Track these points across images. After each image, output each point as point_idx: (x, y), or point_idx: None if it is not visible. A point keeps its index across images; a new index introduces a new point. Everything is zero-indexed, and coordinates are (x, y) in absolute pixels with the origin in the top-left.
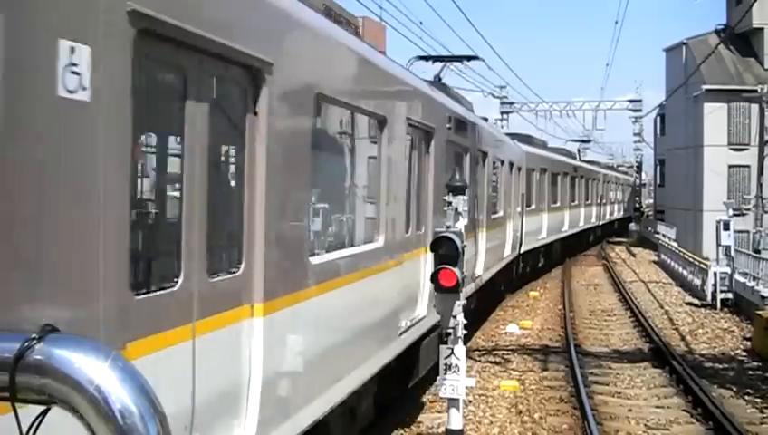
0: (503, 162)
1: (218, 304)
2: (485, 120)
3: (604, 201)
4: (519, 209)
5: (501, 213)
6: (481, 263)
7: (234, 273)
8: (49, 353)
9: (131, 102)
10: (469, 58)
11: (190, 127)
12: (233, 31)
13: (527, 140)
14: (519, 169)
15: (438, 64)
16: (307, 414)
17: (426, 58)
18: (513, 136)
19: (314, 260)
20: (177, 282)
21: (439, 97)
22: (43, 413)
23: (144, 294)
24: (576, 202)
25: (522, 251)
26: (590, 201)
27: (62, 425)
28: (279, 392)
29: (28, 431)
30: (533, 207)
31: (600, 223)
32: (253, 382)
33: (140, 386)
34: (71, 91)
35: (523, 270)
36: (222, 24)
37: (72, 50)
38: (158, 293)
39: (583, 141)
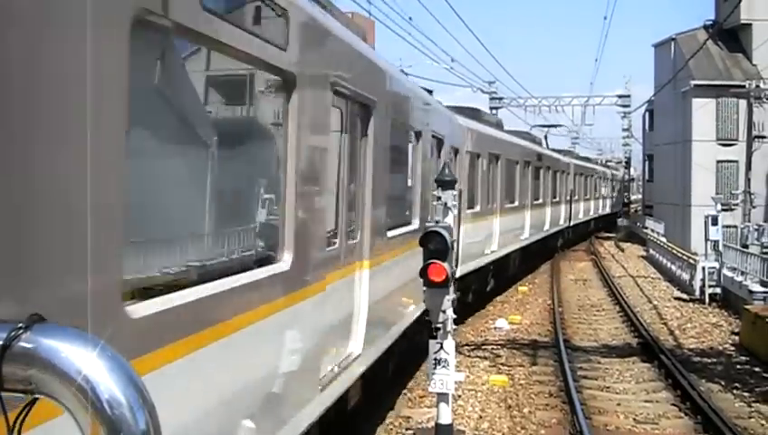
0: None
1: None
2: (430, 91)
3: (576, 198)
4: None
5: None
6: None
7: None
8: (36, 343)
9: None
10: None
11: None
12: None
13: (474, 114)
14: (456, 151)
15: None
16: None
17: None
18: (457, 110)
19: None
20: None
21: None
22: (30, 404)
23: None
24: (540, 200)
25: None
26: (557, 199)
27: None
28: None
29: (15, 423)
30: (478, 208)
31: (571, 224)
32: None
33: (129, 376)
34: None
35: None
36: None
37: None
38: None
39: (551, 126)
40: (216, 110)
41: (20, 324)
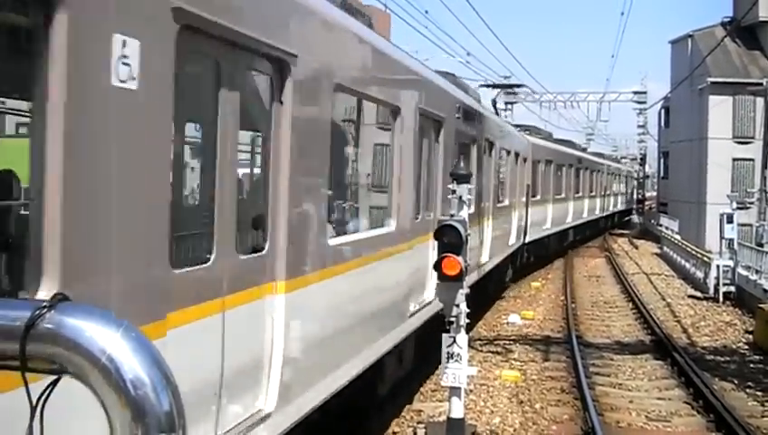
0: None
1: None
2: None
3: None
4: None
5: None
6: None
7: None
8: (60, 322)
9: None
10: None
11: None
12: None
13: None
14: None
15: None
16: None
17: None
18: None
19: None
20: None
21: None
22: (53, 383)
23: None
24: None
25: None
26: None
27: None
28: None
29: (38, 402)
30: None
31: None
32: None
33: (153, 357)
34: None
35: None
36: None
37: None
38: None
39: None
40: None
41: (44, 303)
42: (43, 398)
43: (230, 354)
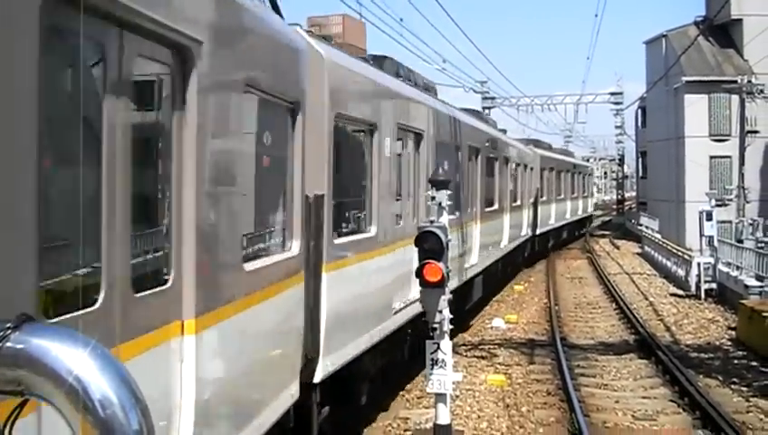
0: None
1: None
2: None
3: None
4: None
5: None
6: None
7: None
8: (25, 343)
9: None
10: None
11: None
12: None
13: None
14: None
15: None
16: None
17: None
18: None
19: None
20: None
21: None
22: (20, 406)
23: None
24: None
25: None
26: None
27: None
28: None
29: (5, 425)
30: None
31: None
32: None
33: (121, 375)
34: None
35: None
36: None
37: None
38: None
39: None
40: None
41: (8, 324)
42: (11, 420)
43: None
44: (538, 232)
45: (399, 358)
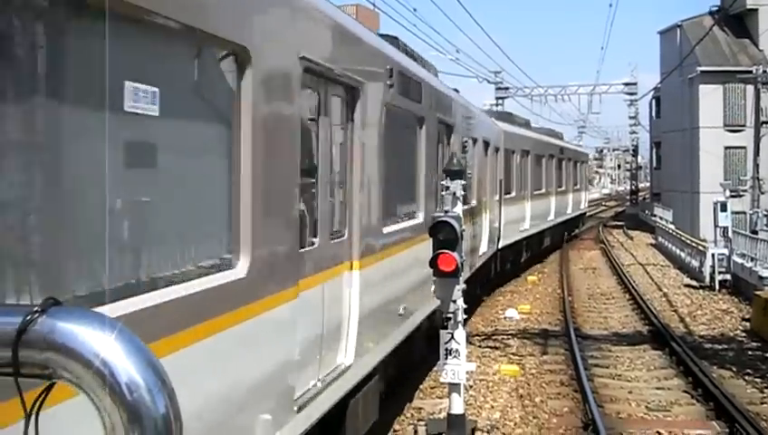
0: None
1: None
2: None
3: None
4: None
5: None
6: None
7: None
8: (52, 327)
9: None
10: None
11: None
12: None
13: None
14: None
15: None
16: None
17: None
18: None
19: None
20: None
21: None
22: (47, 389)
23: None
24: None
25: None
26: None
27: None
28: None
29: (32, 408)
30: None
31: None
32: None
33: (148, 359)
34: None
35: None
36: None
37: None
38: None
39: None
40: None
41: (36, 308)
42: (38, 403)
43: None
44: (503, 244)
45: None
